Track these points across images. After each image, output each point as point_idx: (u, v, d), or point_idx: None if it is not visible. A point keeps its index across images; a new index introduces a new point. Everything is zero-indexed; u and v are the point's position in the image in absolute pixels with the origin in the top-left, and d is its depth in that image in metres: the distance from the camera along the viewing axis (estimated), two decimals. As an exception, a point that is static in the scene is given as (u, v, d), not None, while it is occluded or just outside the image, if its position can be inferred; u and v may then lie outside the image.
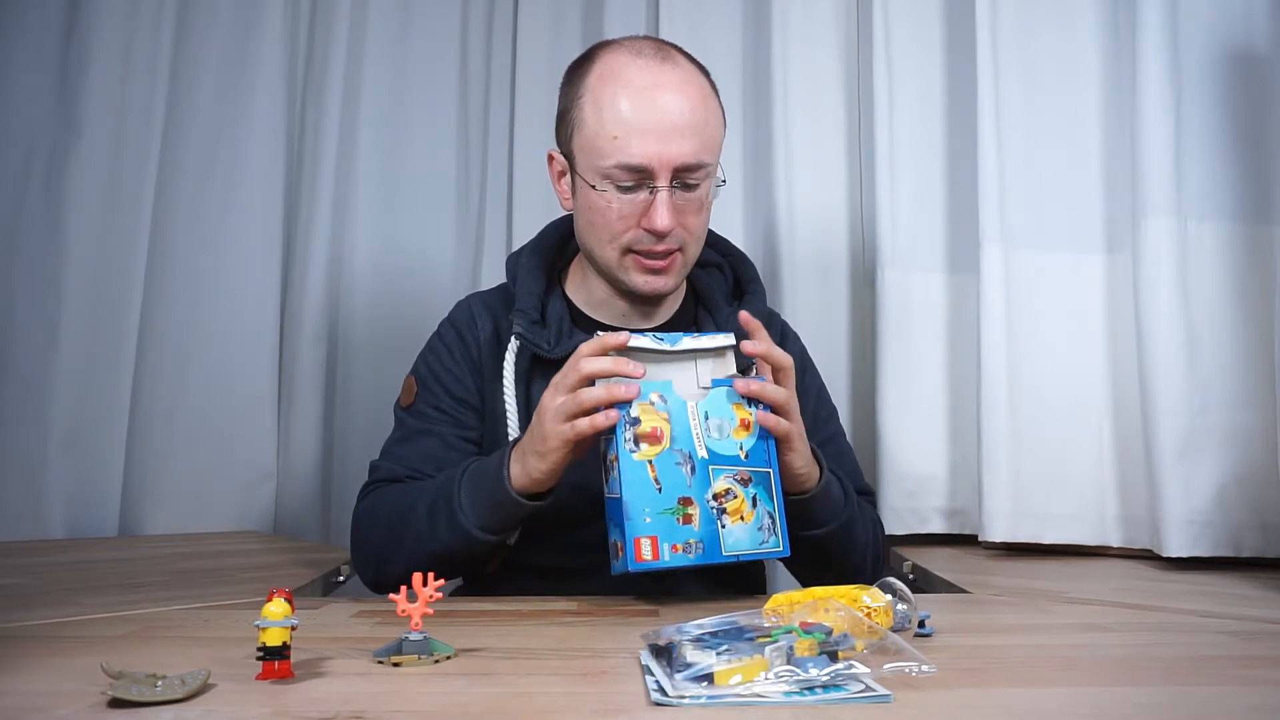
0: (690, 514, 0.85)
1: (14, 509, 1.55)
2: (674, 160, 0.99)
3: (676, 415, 0.87)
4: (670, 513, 0.84)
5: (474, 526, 0.95)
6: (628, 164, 0.99)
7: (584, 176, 1.03)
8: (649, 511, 0.84)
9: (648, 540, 0.83)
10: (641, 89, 1.00)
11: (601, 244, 1.05)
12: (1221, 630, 0.80)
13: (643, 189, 1.01)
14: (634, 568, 0.83)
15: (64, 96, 1.64)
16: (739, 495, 0.87)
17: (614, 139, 0.99)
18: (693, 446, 0.86)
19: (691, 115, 1.00)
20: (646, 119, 0.99)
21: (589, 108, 1.02)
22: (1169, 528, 1.19)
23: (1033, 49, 1.41)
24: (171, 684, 0.58)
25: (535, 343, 1.07)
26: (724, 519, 0.86)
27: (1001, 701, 0.58)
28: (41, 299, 1.60)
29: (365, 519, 1.07)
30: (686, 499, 0.85)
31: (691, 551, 0.84)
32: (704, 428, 0.88)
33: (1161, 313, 1.22)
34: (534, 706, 0.57)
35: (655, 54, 1.03)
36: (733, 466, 0.87)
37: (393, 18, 1.95)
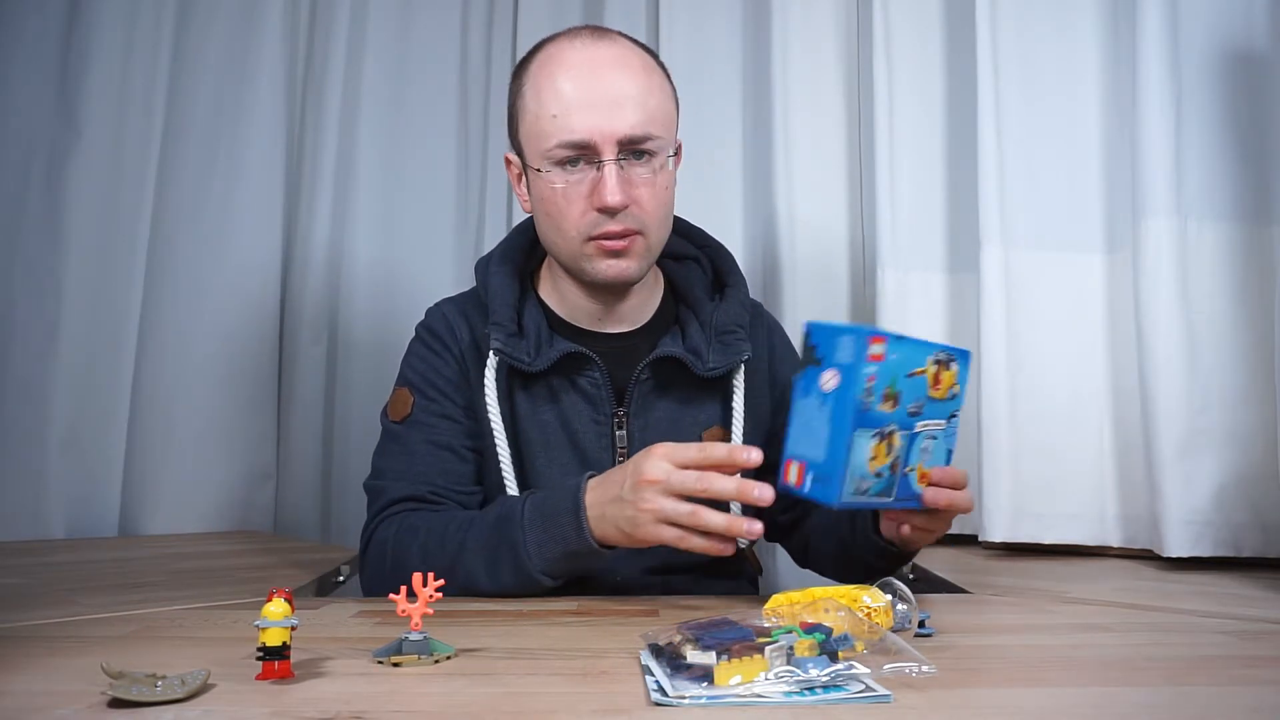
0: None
1: (14, 509, 1.55)
2: (617, 132, 0.97)
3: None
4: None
5: (542, 573, 0.92)
6: (569, 140, 0.97)
7: (532, 166, 1.01)
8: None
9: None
10: (577, 65, 0.99)
11: (561, 235, 1.02)
12: (1221, 630, 0.80)
13: (590, 168, 0.98)
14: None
15: (64, 96, 1.64)
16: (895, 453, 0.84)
17: (553, 118, 0.97)
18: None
19: (633, 86, 0.98)
20: (584, 93, 0.97)
21: (529, 95, 1.01)
22: (1169, 528, 1.19)
23: (1033, 49, 1.41)
24: (171, 684, 0.58)
25: (515, 357, 1.03)
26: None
27: (1001, 701, 0.58)
28: (41, 299, 1.60)
29: (394, 550, 0.99)
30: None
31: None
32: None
33: (1161, 313, 1.22)
34: (534, 706, 0.57)
35: (591, 35, 1.02)
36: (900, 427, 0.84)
37: (393, 17, 1.96)
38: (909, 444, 0.84)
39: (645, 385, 1.07)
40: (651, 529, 0.86)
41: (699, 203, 1.49)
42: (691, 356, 1.05)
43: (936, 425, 0.85)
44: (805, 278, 1.68)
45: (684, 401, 1.08)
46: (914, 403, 0.83)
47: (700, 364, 1.05)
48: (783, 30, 1.69)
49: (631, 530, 0.87)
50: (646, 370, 1.06)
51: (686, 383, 1.07)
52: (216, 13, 1.79)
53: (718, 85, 1.77)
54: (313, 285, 1.85)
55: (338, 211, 1.89)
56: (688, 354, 1.05)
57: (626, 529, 0.87)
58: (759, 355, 1.13)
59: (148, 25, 1.71)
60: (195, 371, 1.73)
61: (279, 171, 1.83)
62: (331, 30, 1.91)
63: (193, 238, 1.74)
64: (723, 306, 1.09)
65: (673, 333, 1.10)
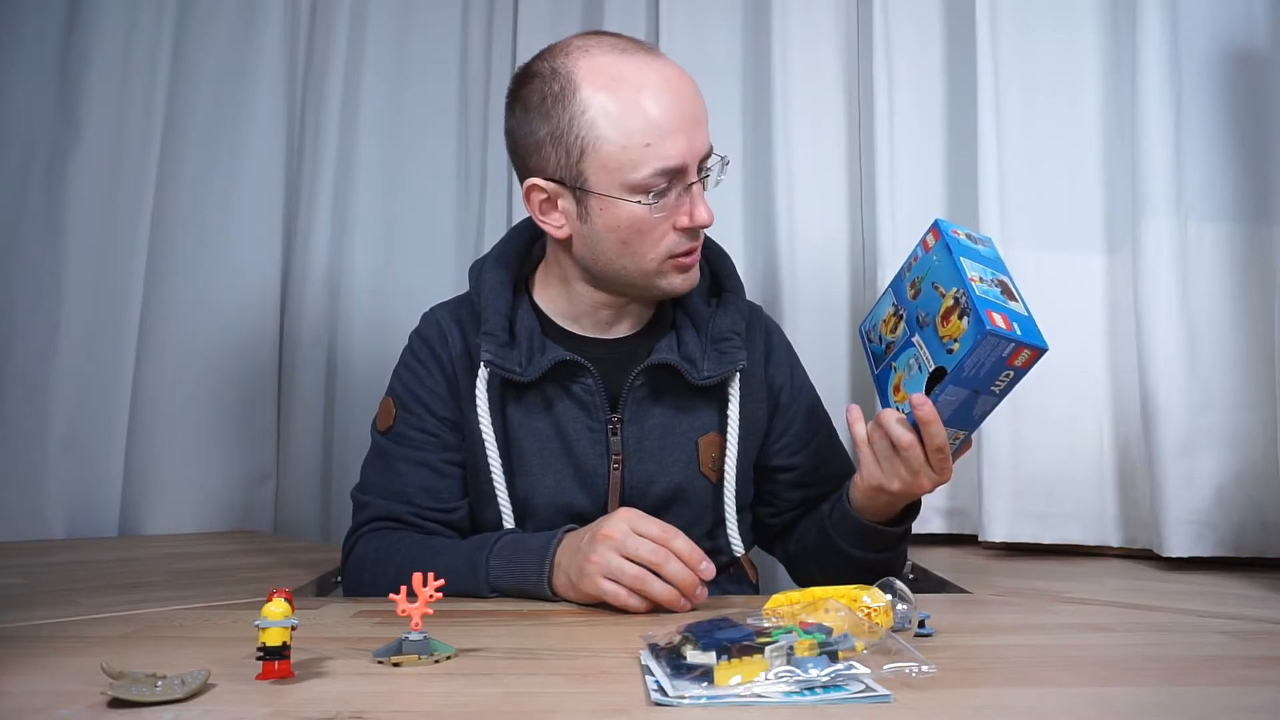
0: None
1: (14, 509, 1.56)
2: (700, 151, 0.97)
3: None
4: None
5: (490, 586, 0.96)
6: (665, 168, 0.94)
7: (606, 194, 0.96)
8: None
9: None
10: (654, 86, 0.95)
11: (638, 259, 0.99)
12: (1221, 630, 0.80)
13: (674, 189, 0.96)
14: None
15: (64, 96, 1.64)
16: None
17: (646, 146, 0.93)
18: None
19: (701, 103, 0.98)
20: (673, 117, 0.94)
21: (604, 125, 0.94)
22: (1169, 527, 1.19)
23: (1032, 49, 1.41)
24: (171, 684, 0.58)
25: (507, 368, 1.02)
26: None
27: (1001, 701, 0.58)
28: (41, 299, 1.60)
29: (371, 567, 1.02)
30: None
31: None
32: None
33: (1161, 313, 1.22)
34: (534, 706, 0.57)
35: (639, 48, 0.98)
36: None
37: (393, 17, 1.96)
38: (901, 344, 0.91)
39: (640, 392, 1.05)
40: (595, 581, 0.87)
41: (699, 203, 1.49)
42: (686, 364, 1.03)
43: (927, 359, 0.90)
44: (805, 278, 1.68)
45: (679, 408, 1.06)
46: (924, 313, 0.88)
47: (695, 372, 1.03)
48: (783, 30, 1.69)
49: (577, 580, 0.88)
50: (641, 376, 1.04)
51: (682, 389, 1.05)
52: (216, 13, 1.79)
53: (718, 85, 1.77)
54: (313, 285, 1.85)
55: (338, 212, 1.89)
56: (682, 361, 1.03)
57: (574, 579, 0.89)
58: (755, 359, 1.11)
59: (148, 25, 1.71)
60: (195, 371, 1.73)
61: (279, 171, 1.83)
62: (331, 30, 1.91)
63: (193, 238, 1.74)
64: (720, 313, 1.08)
65: (669, 338, 1.07)
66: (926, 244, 0.94)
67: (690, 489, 1.07)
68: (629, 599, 0.85)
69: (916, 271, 0.93)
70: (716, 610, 0.85)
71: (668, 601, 0.86)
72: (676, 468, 1.06)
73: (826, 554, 1.04)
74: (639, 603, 0.86)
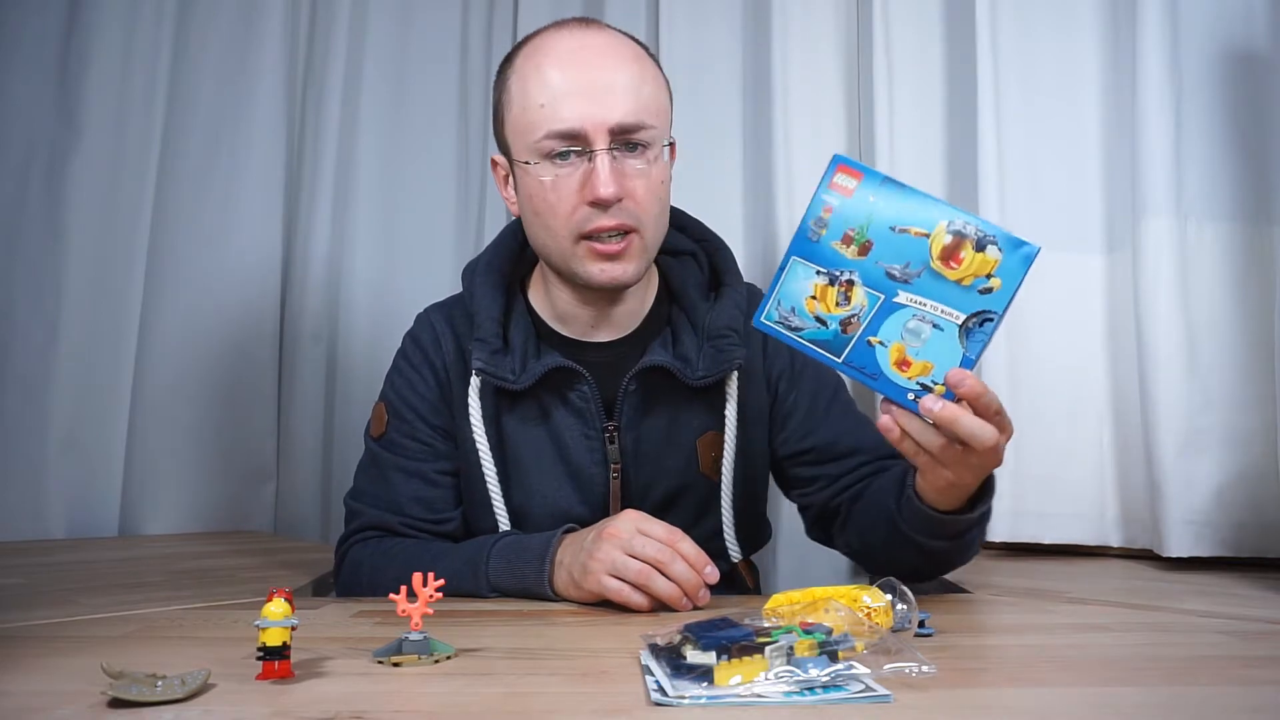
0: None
1: (14, 509, 1.56)
2: (608, 120, 0.92)
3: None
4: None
5: (490, 586, 0.95)
6: (558, 129, 0.92)
7: (519, 161, 0.96)
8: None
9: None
10: (565, 53, 0.95)
11: (550, 234, 0.96)
12: (1221, 630, 0.80)
13: (581, 160, 0.93)
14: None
15: (64, 96, 1.64)
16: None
17: (541, 107, 0.93)
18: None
19: (624, 74, 0.94)
20: (574, 81, 0.93)
21: (515, 87, 0.96)
22: (1169, 528, 1.19)
23: (1032, 49, 1.41)
24: (171, 684, 0.58)
25: (499, 376, 1.00)
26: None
27: (1001, 701, 0.58)
28: (41, 299, 1.60)
29: (369, 572, 1.02)
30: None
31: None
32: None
33: (1161, 313, 1.22)
34: (534, 706, 0.57)
35: (579, 24, 0.98)
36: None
37: (393, 17, 1.96)
38: (881, 310, 0.77)
39: (634, 397, 1.02)
40: (599, 578, 0.86)
41: (698, 202, 1.48)
42: (680, 364, 1.01)
43: (944, 312, 0.76)
44: (805, 278, 1.68)
45: (676, 410, 1.04)
46: (898, 264, 0.76)
47: (690, 372, 1.01)
48: (783, 30, 1.69)
49: (580, 578, 0.88)
50: (634, 381, 1.01)
51: (677, 390, 1.02)
52: (216, 12, 1.79)
53: (718, 85, 1.77)
54: (313, 285, 1.85)
55: (338, 211, 1.89)
56: (676, 361, 1.01)
57: (577, 576, 0.88)
58: (754, 353, 1.07)
59: (148, 25, 1.71)
60: (195, 371, 1.73)
61: (279, 171, 1.83)
62: (331, 30, 1.91)
63: (193, 238, 1.75)
64: (717, 307, 1.04)
65: (663, 337, 1.05)
66: (843, 187, 0.78)
67: (691, 491, 1.06)
68: (631, 594, 0.85)
69: (847, 222, 0.77)
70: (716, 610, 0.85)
71: (670, 599, 0.85)
72: (675, 470, 1.05)
73: (901, 548, 0.94)
74: (641, 599, 0.85)
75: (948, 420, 0.76)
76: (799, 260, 0.79)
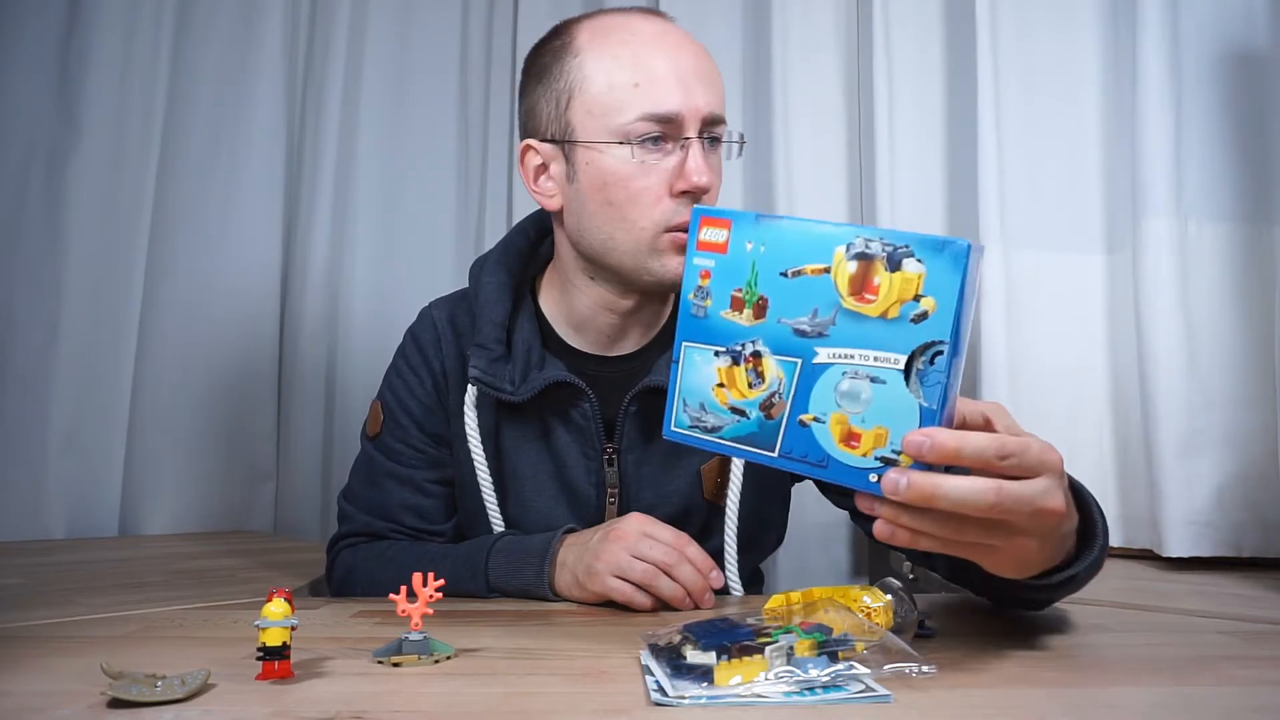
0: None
1: (14, 509, 1.56)
2: (702, 109, 0.88)
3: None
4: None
5: (489, 587, 0.94)
6: (657, 112, 0.86)
7: (591, 143, 0.89)
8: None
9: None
10: (654, 36, 0.89)
11: (627, 226, 0.89)
12: (1222, 630, 0.80)
13: (670, 147, 0.88)
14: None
15: (64, 96, 1.64)
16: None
17: (635, 87, 0.87)
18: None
19: (708, 64, 0.91)
20: (670, 64, 0.87)
21: (594, 66, 0.89)
22: (1169, 528, 1.19)
23: (1032, 49, 1.41)
24: (171, 684, 0.58)
25: (497, 387, 0.95)
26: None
27: (1001, 701, 0.58)
28: (41, 299, 1.60)
29: (364, 577, 1.01)
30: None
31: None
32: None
33: (1161, 313, 1.22)
34: (534, 706, 0.57)
35: (649, 12, 0.93)
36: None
37: (393, 17, 1.96)
38: (803, 378, 0.61)
39: (635, 418, 0.97)
40: (604, 579, 0.85)
41: (699, 203, 1.50)
42: None
43: (879, 360, 0.59)
44: (805, 278, 1.68)
45: None
46: (804, 316, 0.61)
47: None
48: (783, 30, 1.69)
49: (586, 580, 0.87)
50: (635, 401, 0.96)
51: None
52: (216, 13, 1.79)
53: (718, 85, 1.77)
54: (313, 285, 1.85)
55: (338, 211, 1.89)
56: None
57: (582, 578, 0.87)
58: None
59: (148, 25, 1.71)
60: (195, 371, 1.73)
61: (279, 171, 1.83)
62: (331, 30, 1.91)
63: (193, 238, 1.75)
64: None
65: (669, 355, 0.98)
66: (714, 243, 0.64)
67: (693, 515, 1.01)
68: (635, 595, 0.85)
69: (731, 283, 0.63)
70: (716, 610, 0.85)
71: (675, 600, 0.85)
72: (678, 495, 1.00)
73: (1003, 602, 0.83)
74: (645, 600, 0.85)
75: (923, 497, 0.57)
76: (691, 345, 0.65)
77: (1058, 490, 0.61)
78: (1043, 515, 0.60)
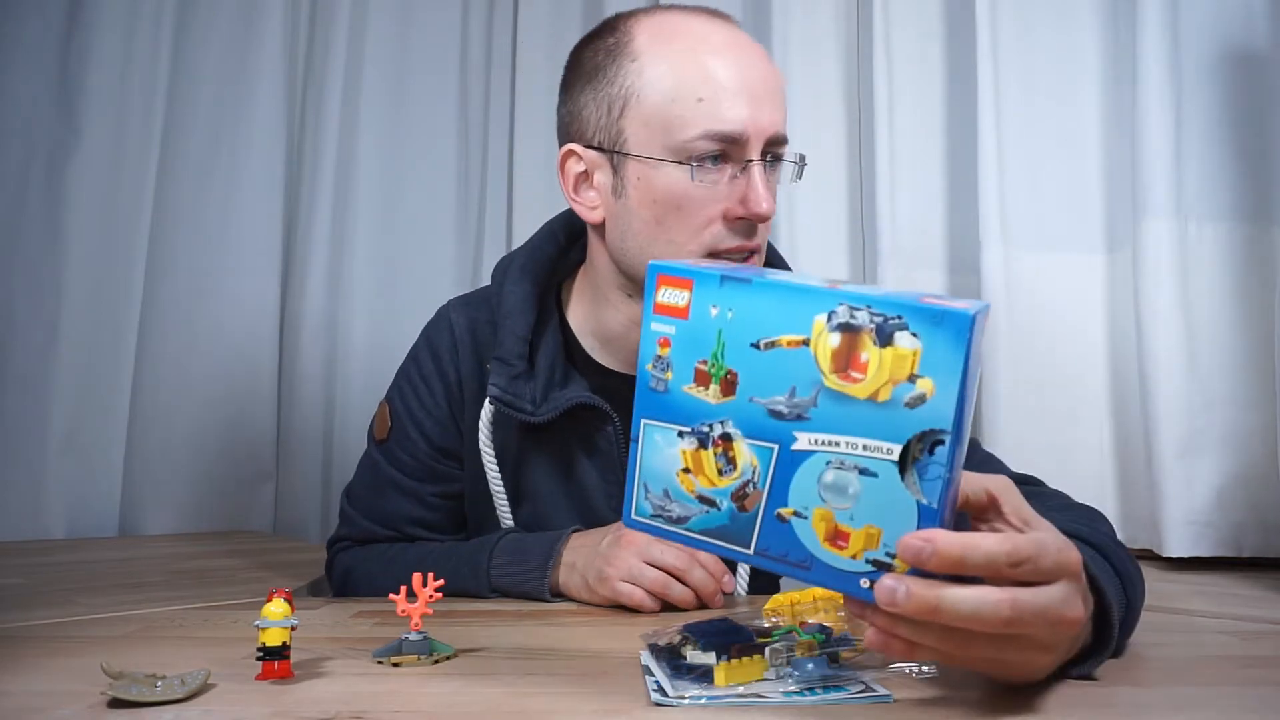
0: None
1: (14, 509, 1.56)
2: (767, 128, 0.82)
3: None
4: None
5: (490, 587, 0.93)
6: (720, 131, 0.81)
7: (645, 157, 0.83)
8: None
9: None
10: (722, 45, 0.83)
11: (676, 248, 0.83)
12: (1222, 630, 0.80)
13: (727, 169, 0.82)
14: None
15: (64, 96, 1.64)
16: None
17: (699, 102, 0.80)
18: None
19: (775, 79, 0.85)
20: (737, 77, 0.81)
21: (652, 73, 0.82)
22: (1169, 528, 1.19)
23: (1032, 49, 1.41)
24: (171, 684, 0.58)
25: (517, 405, 0.90)
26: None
27: (1002, 702, 0.58)
28: (41, 299, 1.61)
29: (362, 580, 1.00)
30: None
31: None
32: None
33: (1161, 313, 1.22)
34: (534, 706, 0.57)
35: (713, 15, 0.86)
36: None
37: (393, 17, 1.96)
38: (781, 466, 0.53)
39: None
40: (615, 585, 0.84)
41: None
42: None
43: (868, 449, 0.51)
44: (805, 278, 1.68)
45: None
46: (781, 395, 0.52)
47: None
48: (783, 31, 1.69)
49: (596, 584, 0.85)
50: None
51: None
52: (216, 13, 1.79)
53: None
54: (312, 284, 1.85)
55: (338, 210, 1.89)
56: None
57: (592, 582, 0.86)
58: None
59: (148, 25, 1.71)
60: (195, 371, 1.73)
61: (279, 172, 1.83)
62: (331, 30, 1.91)
63: (193, 238, 1.75)
64: None
65: None
66: (673, 307, 0.55)
67: None
68: (645, 600, 0.84)
69: (694, 353, 0.54)
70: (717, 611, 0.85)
71: (685, 603, 0.84)
72: None
73: None
74: (655, 604, 0.84)
75: (925, 610, 0.49)
76: (650, 424, 0.56)
77: (1077, 596, 0.53)
78: (1063, 626, 0.53)
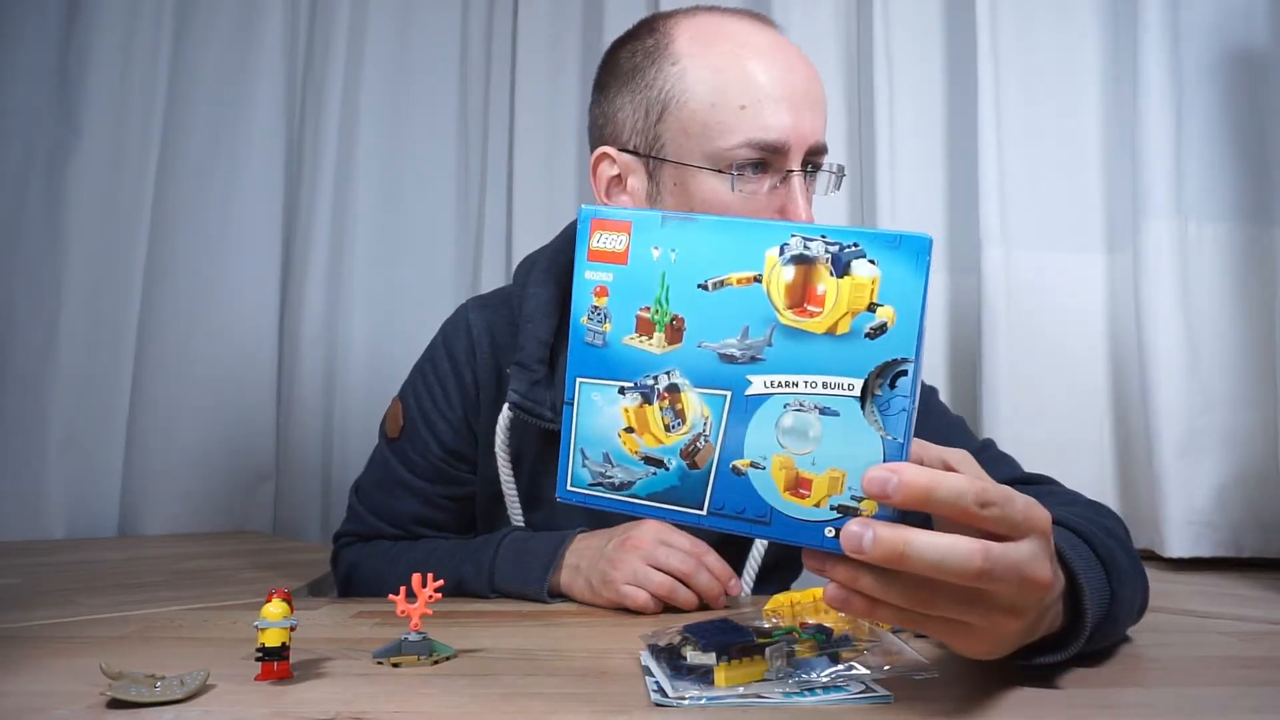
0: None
1: (14, 509, 1.56)
2: (809, 137, 0.81)
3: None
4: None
5: (491, 588, 0.92)
6: (763, 140, 0.80)
7: (686, 165, 0.82)
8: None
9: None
10: (766, 50, 0.82)
11: None
12: (1222, 630, 0.80)
13: (767, 178, 0.81)
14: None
15: (64, 96, 1.64)
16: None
17: (741, 109, 0.79)
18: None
19: (817, 86, 0.84)
20: (781, 84, 0.80)
21: (694, 78, 0.81)
22: (1169, 528, 1.19)
23: (1033, 49, 1.41)
24: (171, 684, 0.58)
25: (536, 413, 0.89)
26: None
27: (1002, 702, 0.58)
28: (41, 299, 1.61)
29: (367, 576, 1.00)
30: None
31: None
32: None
33: (1162, 313, 1.22)
34: (534, 707, 0.57)
35: (755, 18, 0.85)
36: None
37: (393, 17, 1.96)
38: (734, 414, 0.49)
39: None
40: (620, 588, 0.83)
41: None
42: None
43: (829, 386, 0.48)
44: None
45: None
46: (732, 337, 0.49)
47: None
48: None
49: (600, 587, 0.85)
50: None
51: None
52: (216, 13, 1.79)
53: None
54: (312, 284, 1.85)
55: (338, 211, 1.89)
56: None
57: (596, 584, 0.85)
58: None
59: (148, 25, 1.71)
60: (195, 372, 1.73)
61: (279, 172, 1.83)
62: (331, 30, 1.91)
63: (193, 238, 1.75)
64: None
65: None
66: (610, 252, 0.51)
67: (730, 545, 0.93)
68: (650, 603, 0.83)
69: (635, 300, 0.50)
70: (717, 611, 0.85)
71: (689, 606, 0.84)
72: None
73: None
74: (658, 607, 0.84)
75: (892, 555, 0.46)
76: (587, 382, 0.51)
77: (1045, 558, 0.51)
78: (1028, 586, 0.50)
